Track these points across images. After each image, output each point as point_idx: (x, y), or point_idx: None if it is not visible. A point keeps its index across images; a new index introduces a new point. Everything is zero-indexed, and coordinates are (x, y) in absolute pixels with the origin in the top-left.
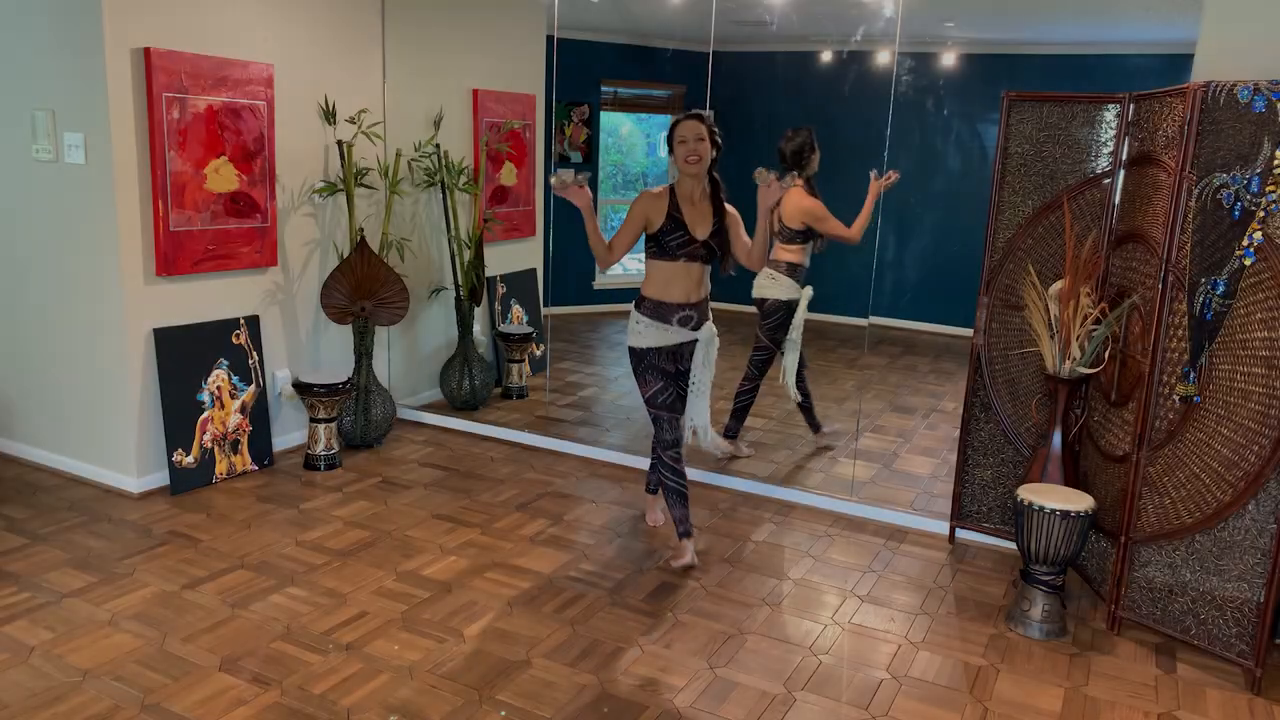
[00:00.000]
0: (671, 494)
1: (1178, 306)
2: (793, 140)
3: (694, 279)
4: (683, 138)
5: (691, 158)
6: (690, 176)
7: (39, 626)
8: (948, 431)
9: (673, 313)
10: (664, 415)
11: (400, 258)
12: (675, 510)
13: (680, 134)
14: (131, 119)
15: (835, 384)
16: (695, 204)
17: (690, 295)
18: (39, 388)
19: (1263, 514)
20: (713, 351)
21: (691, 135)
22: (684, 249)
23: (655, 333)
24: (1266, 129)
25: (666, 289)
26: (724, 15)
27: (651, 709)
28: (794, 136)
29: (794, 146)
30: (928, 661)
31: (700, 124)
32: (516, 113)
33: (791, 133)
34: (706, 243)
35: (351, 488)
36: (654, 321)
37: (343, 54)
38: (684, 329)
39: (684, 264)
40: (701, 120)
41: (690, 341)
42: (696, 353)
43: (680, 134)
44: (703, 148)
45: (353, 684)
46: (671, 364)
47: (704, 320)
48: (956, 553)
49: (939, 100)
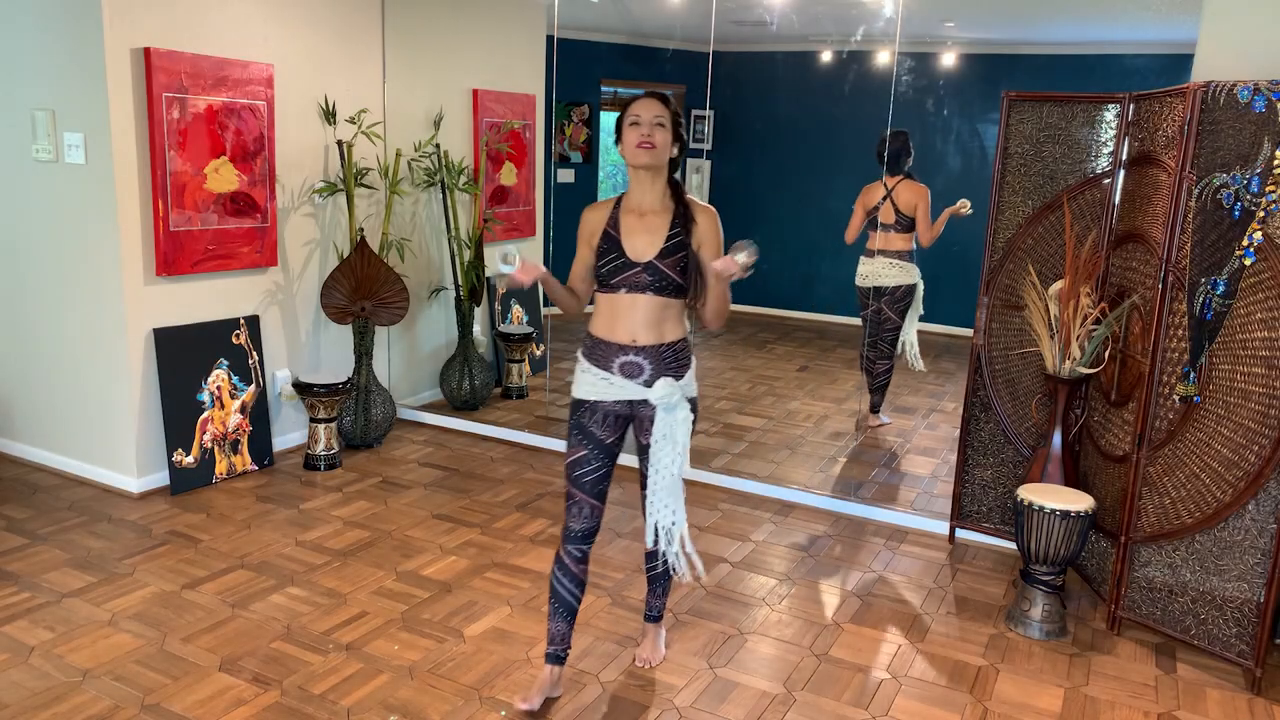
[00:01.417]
0: (557, 602)
1: (1178, 306)
2: (893, 143)
3: (644, 314)
4: (635, 118)
5: (644, 143)
6: (643, 172)
7: (39, 626)
8: (948, 431)
9: (613, 356)
10: (578, 496)
11: (400, 258)
12: (554, 623)
13: (633, 114)
14: (131, 119)
15: (835, 384)
16: (644, 216)
17: (638, 335)
18: (39, 388)
19: (1263, 514)
20: (680, 427)
21: (647, 116)
22: (619, 276)
23: (592, 381)
24: (1266, 129)
25: (610, 325)
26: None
27: (651, 709)
28: (894, 139)
29: (897, 148)
30: (928, 661)
31: (660, 104)
32: (516, 113)
33: (891, 135)
34: (654, 267)
35: (351, 488)
36: (591, 366)
37: (343, 54)
38: (629, 381)
39: (627, 296)
40: (663, 101)
41: (644, 404)
42: (657, 423)
43: (633, 114)
44: (660, 136)
45: (353, 684)
46: (611, 431)
47: (664, 373)
48: (956, 553)
49: (939, 100)
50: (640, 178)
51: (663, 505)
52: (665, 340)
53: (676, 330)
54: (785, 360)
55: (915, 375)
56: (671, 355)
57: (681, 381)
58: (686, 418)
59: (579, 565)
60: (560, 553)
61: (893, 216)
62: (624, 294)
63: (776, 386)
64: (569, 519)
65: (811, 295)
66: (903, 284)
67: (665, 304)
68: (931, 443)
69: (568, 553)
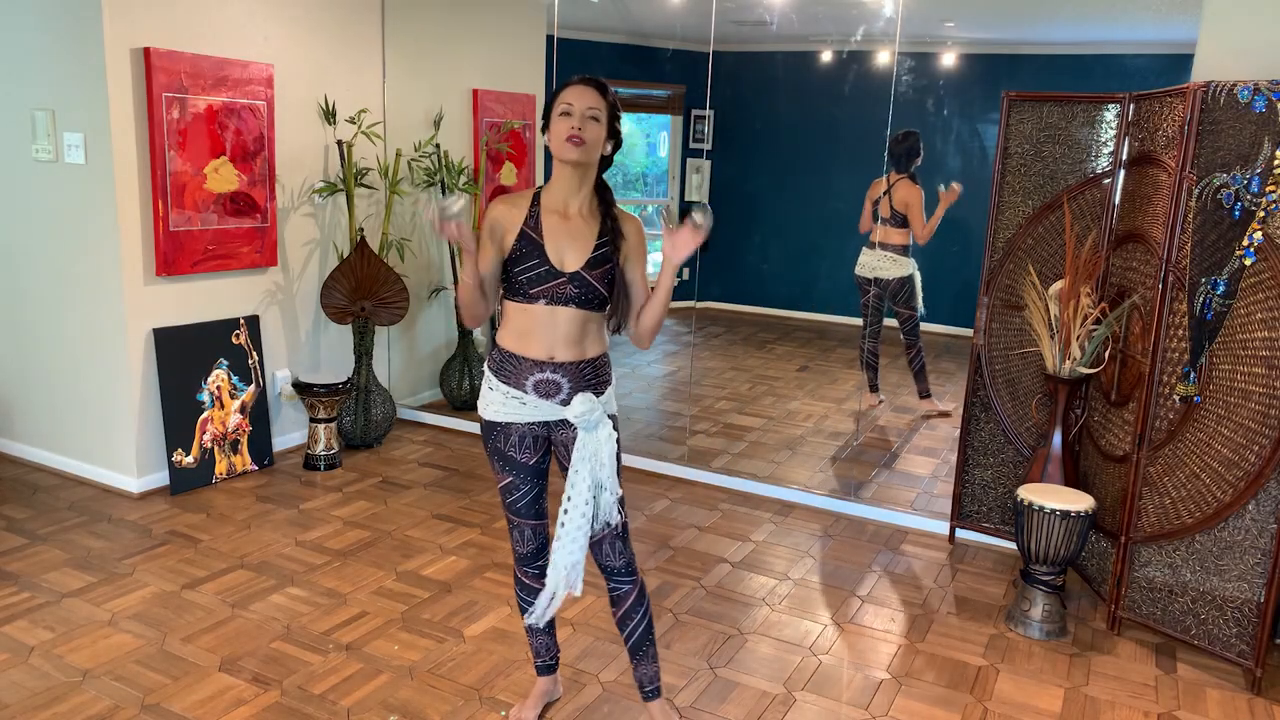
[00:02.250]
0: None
1: (1178, 306)
2: (903, 143)
3: (565, 329)
4: (567, 107)
5: (573, 137)
6: (568, 168)
7: (39, 626)
8: (948, 431)
9: (526, 374)
10: (516, 521)
11: (400, 258)
12: (535, 639)
13: (564, 101)
14: (131, 119)
15: (835, 384)
16: (569, 218)
17: (556, 351)
18: (39, 388)
19: (1263, 514)
20: (605, 447)
21: (580, 105)
22: (540, 285)
23: (501, 400)
24: (1266, 129)
25: (523, 339)
26: (724, 15)
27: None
28: (905, 139)
29: (905, 148)
30: (928, 661)
31: (596, 93)
32: (516, 113)
33: (902, 135)
34: (580, 278)
35: (351, 488)
36: (500, 383)
37: (343, 54)
38: (545, 401)
39: (546, 308)
40: (600, 90)
41: (562, 425)
42: (578, 446)
43: (564, 101)
44: (592, 130)
45: (353, 684)
46: (532, 453)
47: (584, 389)
48: (956, 553)
49: (939, 100)
50: (566, 174)
51: (569, 540)
52: (586, 356)
53: (598, 345)
54: (785, 360)
55: None
56: (592, 372)
57: (602, 398)
58: (610, 436)
59: (539, 581)
60: (517, 574)
61: (888, 212)
62: (542, 305)
63: (776, 386)
64: (514, 544)
65: (811, 295)
66: (896, 276)
67: (588, 317)
68: (931, 443)
69: (524, 573)
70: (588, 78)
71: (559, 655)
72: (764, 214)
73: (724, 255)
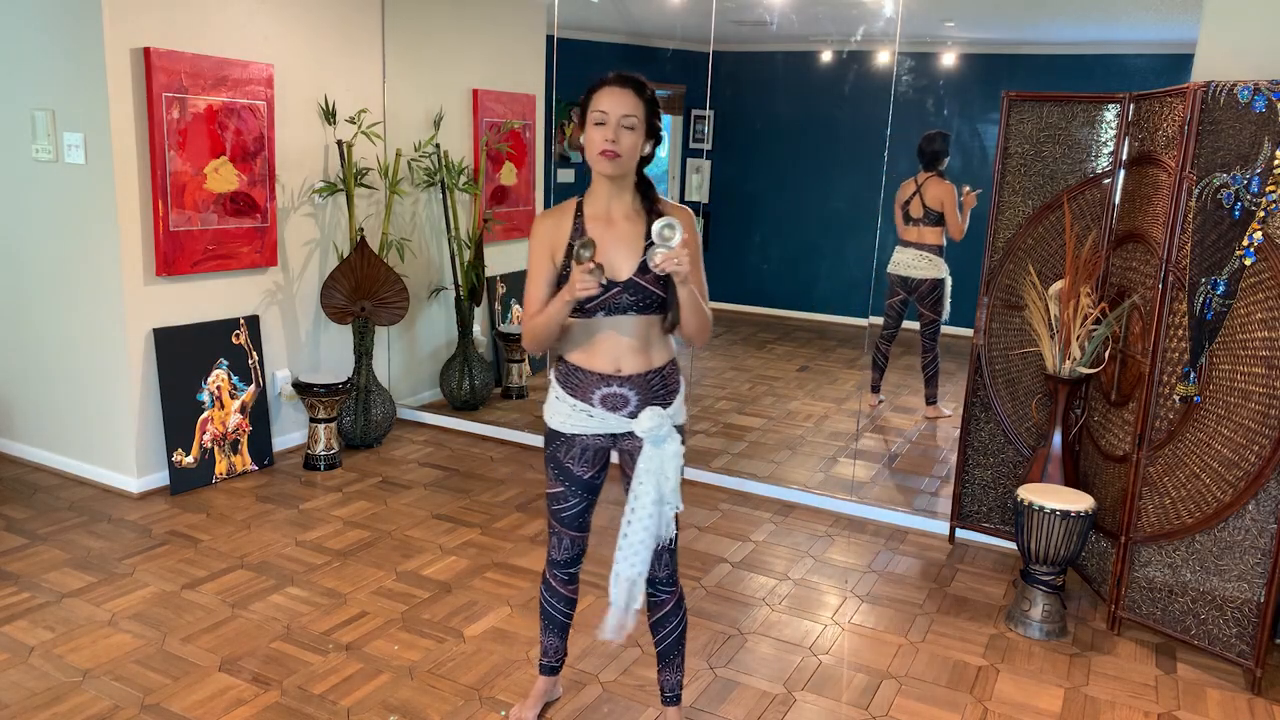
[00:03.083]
0: (548, 620)
1: (1178, 306)
2: (933, 143)
3: (629, 338)
4: (600, 115)
5: (606, 150)
6: (606, 180)
7: (39, 626)
8: (948, 431)
9: (593, 388)
10: (558, 529)
11: (400, 258)
12: (547, 638)
13: (598, 109)
14: (131, 119)
15: (835, 384)
16: (614, 223)
17: (623, 363)
18: (39, 388)
19: (1263, 514)
20: (670, 463)
21: (615, 114)
22: (595, 300)
23: (569, 412)
24: (1266, 129)
25: (588, 353)
26: (724, 15)
27: (651, 709)
28: (934, 139)
29: (934, 148)
30: (928, 661)
31: (632, 97)
32: (516, 113)
33: (931, 135)
34: (634, 284)
35: (351, 488)
36: (569, 396)
37: (343, 54)
38: (613, 414)
39: (606, 319)
40: (636, 91)
41: (629, 436)
42: (642, 458)
43: (598, 109)
44: (628, 140)
45: (353, 684)
46: (590, 467)
47: (651, 401)
48: (956, 553)
49: (939, 100)
50: (605, 181)
51: (632, 554)
52: (653, 366)
53: (664, 352)
54: (785, 360)
55: (917, 375)
56: (660, 382)
57: (669, 410)
58: (677, 453)
59: (567, 587)
60: (547, 575)
61: (921, 211)
62: (601, 317)
63: (776, 386)
64: (550, 548)
65: (811, 295)
66: (929, 277)
67: (650, 322)
68: (931, 443)
69: (554, 576)
70: (622, 76)
71: (565, 659)
72: (764, 214)
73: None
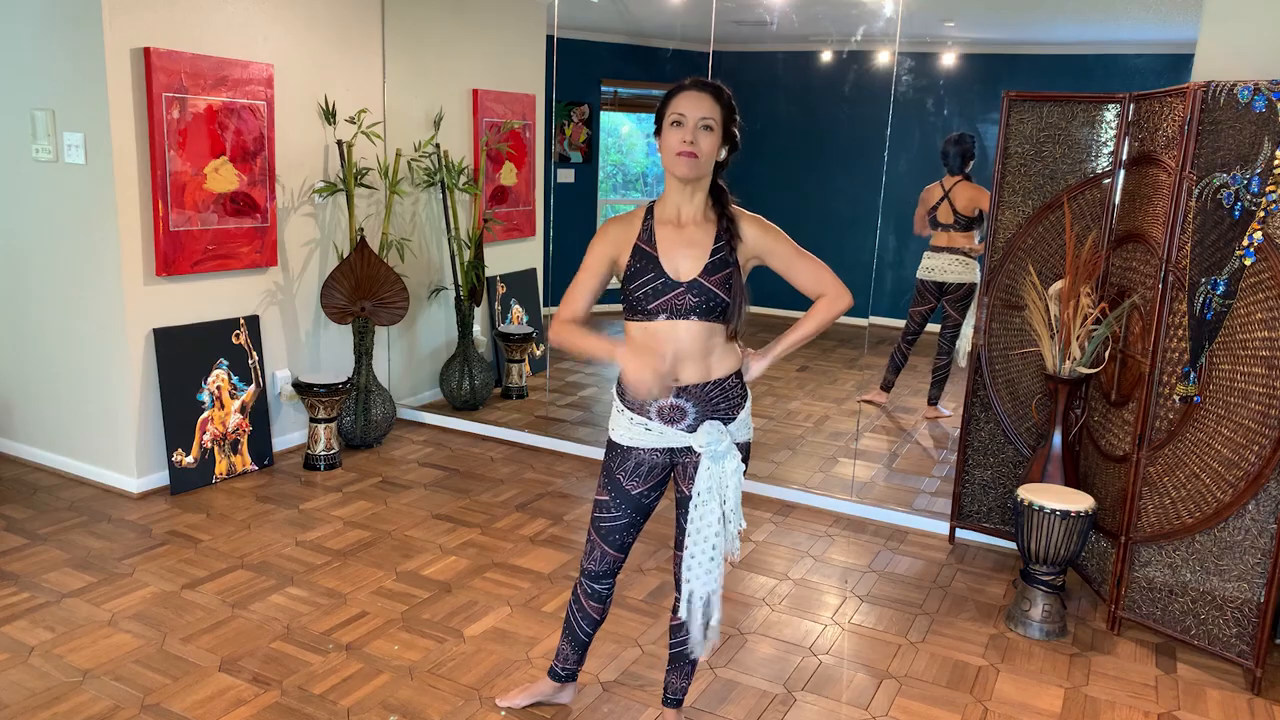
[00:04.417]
0: (568, 627)
1: (1178, 306)
2: (958, 145)
3: (689, 346)
4: (679, 116)
5: (684, 151)
6: (679, 183)
7: (39, 626)
8: (948, 431)
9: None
10: (595, 540)
11: (400, 258)
12: (562, 642)
13: (676, 110)
14: (131, 119)
15: (835, 384)
16: (683, 227)
17: (681, 372)
18: (39, 388)
19: (1263, 514)
20: (730, 479)
21: (693, 115)
22: (658, 299)
23: (628, 425)
24: (1266, 129)
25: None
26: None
27: (651, 709)
28: (959, 141)
29: (960, 150)
30: (928, 661)
31: (710, 100)
32: (516, 113)
33: (957, 137)
34: (698, 285)
35: (351, 488)
36: (626, 408)
37: (343, 54)
38: (670, 428)
39: (667, 323)
40: (714, 95)
41: (688, 451)
42: (700, 475)
43: (676, 110)
44: (706, 141)
45: (353, 684)
46: (642, 483)
47: (711, 415)
48: (956, 553)
49: (939, 100)
50: (677, 185)
51: (703, 571)
52: (713, 377)
53: (725, 364)
54: (785, 360)
55: (917, 375)
56: (720, 395)
57: (732, 425)
58: (737, 470)
59: (593, 603)
60: (578, 585)
61: (950, 216)
62: (663, 320)
63: (776, 386)
64: (584, 554)
65: None
66: (965, 281)
67: (712, 330)
68: (931, 443)
69: (583, 586)
70: (701, 81)
71: (575, 673)
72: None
73: None
